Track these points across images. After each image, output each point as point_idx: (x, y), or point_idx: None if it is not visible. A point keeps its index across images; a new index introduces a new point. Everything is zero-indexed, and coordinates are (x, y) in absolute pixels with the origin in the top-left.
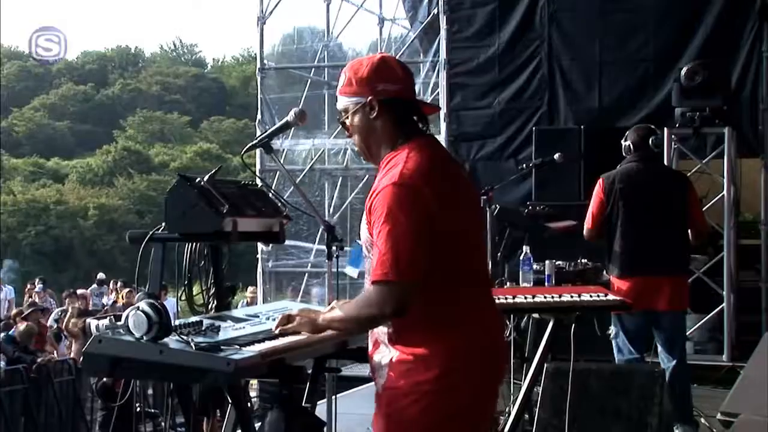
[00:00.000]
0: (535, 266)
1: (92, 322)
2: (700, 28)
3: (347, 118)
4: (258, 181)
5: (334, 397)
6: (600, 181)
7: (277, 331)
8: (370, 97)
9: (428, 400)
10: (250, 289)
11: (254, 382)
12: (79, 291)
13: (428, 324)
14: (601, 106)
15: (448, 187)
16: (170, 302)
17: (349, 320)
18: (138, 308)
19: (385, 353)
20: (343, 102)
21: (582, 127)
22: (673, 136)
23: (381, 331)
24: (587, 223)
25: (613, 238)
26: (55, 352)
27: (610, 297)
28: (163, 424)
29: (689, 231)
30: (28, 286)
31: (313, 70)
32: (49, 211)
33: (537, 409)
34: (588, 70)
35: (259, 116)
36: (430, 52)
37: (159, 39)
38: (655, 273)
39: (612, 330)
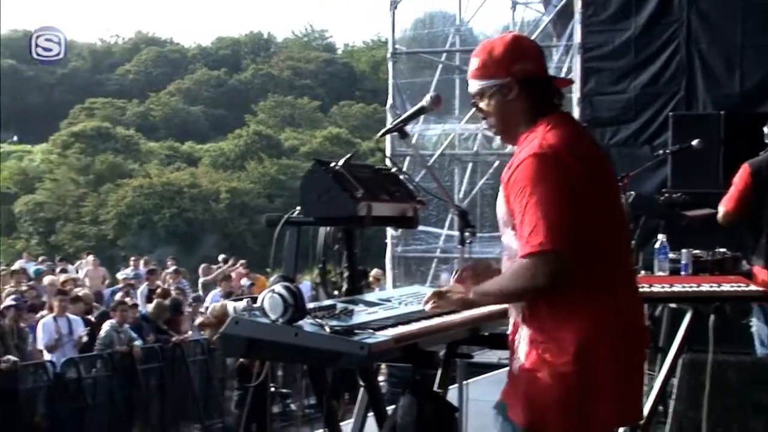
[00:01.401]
0: (671, 255)
1: (229, 304)
2: None
3: (482, 101)
4: (390, 165)
5: (465, 382)
6: (746, 167)
7: (427, 308)
8: (508, 78)
9: (565, 381)
10: (375, 271)
11: (383, 367)
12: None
13: (562, 302)
14: (742, 91)
15: (587, 161)
16: (305, 286)
17: (502, 294)
18: (273, 291)
19: (522, 334)
20: (476, 85)
21: (722, 112)
22: None
23: (517, 311)
24: (726, 205)
25: (759, 229)
26: (189, 332)
27: (752, 287)
28: (292, 405)
29: None
30: (168, 265)
31: (444, 54)
32: (183, 194)
33: (672, 401)
34: (728, 53)
35: (390, 101)
36: (563, 36)
37: (290, 25)
38: None
39: (753, 322)
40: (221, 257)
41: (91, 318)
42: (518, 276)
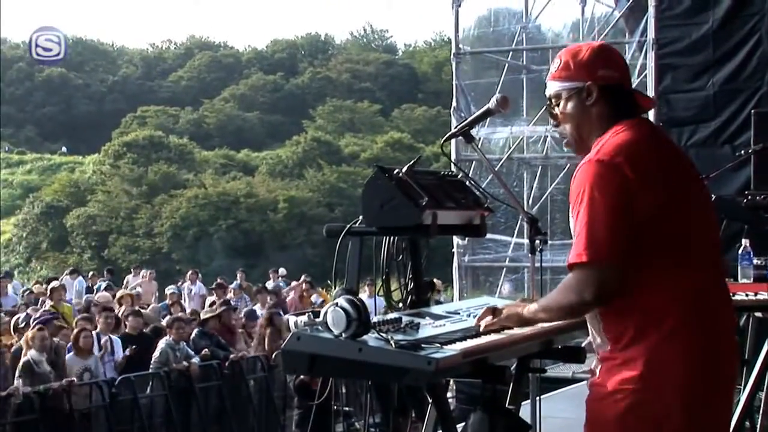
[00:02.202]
0: (755, 261)
1: (291, 319)
2: None
3: (558, 104)
4: (456, 171)
5: (538, 398)
6: None
7: (481, 327)
8: (589, 82)
9: (630, 400)
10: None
11: (451, 383)
12: (269, 285)
13: (632, 316)
14: None
15: (655, 166)
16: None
17: (552, 309)
18: (336, 304)
19: (599, 348)
20: (555, 87)
21: None
22: None
23: (593, 325)
24: None
25: None
26: (249, 350)
27: None
28: (356, 423)
29: None
30: (218, 280)
31: (510, 53)
32: (239, 204)
33: (760, 417)
34: None
35: (453, 103)
36: (636, 32)
37: (349, 25)
38: None
39: None
40: (282, 271)
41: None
42: (567, 290)
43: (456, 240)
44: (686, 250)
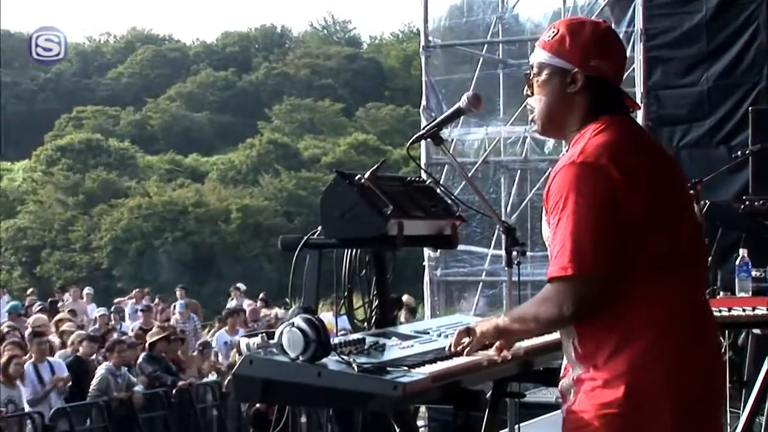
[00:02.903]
0: (754, 272)
1: (242, 340)
2: None
3: (539, 75)
4: (425, 177)
5: (516, 426)
6: None
7: (457, 350)
8: (576, 69)
9: (615, 426)
10: (405, 297)
11: (422, 409)
12: (231, 304)
13: (613, 330)
14: None
15: (641, 167)
16: (325, 317)
17: (527, 320)
18: (293, 324)
19: (573, 372)
20: (542, 56)
21: None
22: None
23: (566, 345)
24: None
25: None
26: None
27: None
28: None
29: None
30: (156, 301)
31: (485, 46)
32: (187, 214)
33: None
34: None
35: (423, 102)
36: (623, 22)
37: (308, 16)
38: None
39: None
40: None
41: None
42: (545, 301)
43: (427, 252)
44: (672, 258)
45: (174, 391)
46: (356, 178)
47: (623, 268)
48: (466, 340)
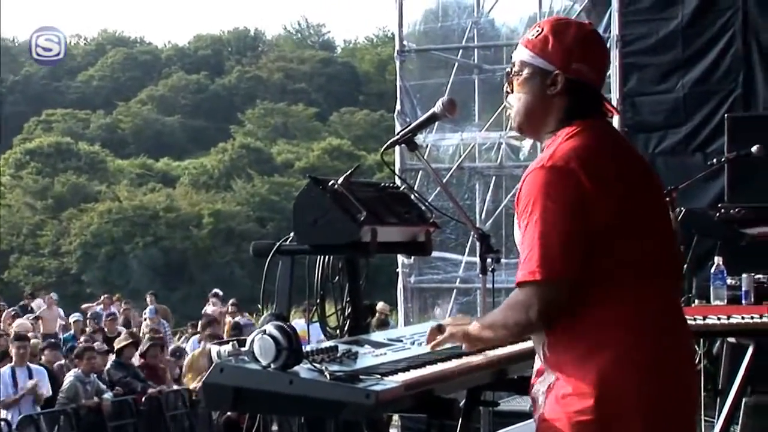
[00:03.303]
0: (729, 281)
1: (213, 348)
2: None
3: (519, 76)
4: (399, 183)
5: None
6: None
7: (429, 347)
8: (557, 71)
9: None
10: (380, 305)
11: (396, 418)
12: (209, 310)
13: (583, 336)
14: None
15: (612, 173)
16: (297, 324)
17: (497, 327)
18: (264, 332)
19: (544, 378)
20: (524, 55)
21: None
22: None
23: (537, 350)
24: None
25: None
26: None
27: None
28: None
29: None
30: (122, 306)
31: (460, 51)
32: (158, 219)
33: None
34: None
35: (398, 107)
36: (599, 28)
37: (281, 19)
38: None
39: None
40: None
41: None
42: (512, 307)
43: (401, 259)
44: (644, 265)
45: (143, 399)
46: (329, 183)
47: (593, 274)
48: (437, 336)
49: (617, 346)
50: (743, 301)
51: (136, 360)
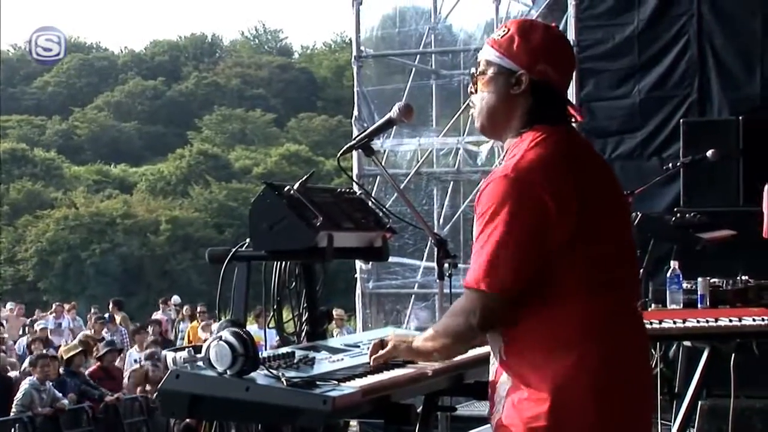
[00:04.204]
0: (685, 285)
1: (169, 354)
2: None
3: (484, 76)
4: (356, 188)
5: None
6: None
7: (371, 362)
8: (522, 71)
9: None
10: (337, 311)
11: (354, 424)
12: (155, 315)
13: (539, 343)
14: (763, 94)
15: (573, 186)
16: (254, 330)
17: (440, 335)
18: (220, 338)
19: (502, 382)
20: (490, 55)
21: (740, 118)
22: None
23: (494, 354)
24: (765, 230)
25: None
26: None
27: None
28: None
29: None
30: (92, 311)
31: (417, 57)
32: (115, 225)
33: None
34: (747, 49)
35: (355, 112)
36: None
37: (238, 24)
38: None
39: None
40: (175, 299)
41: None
42: (455, 313)
43: (359, 264)
44: (600, 274)
45: (100, 406)
46: (285, 189)
47: (550, 283)
48: (379, 352)
49: (573, 353)
50: (699, 305)
51: (90, 367)
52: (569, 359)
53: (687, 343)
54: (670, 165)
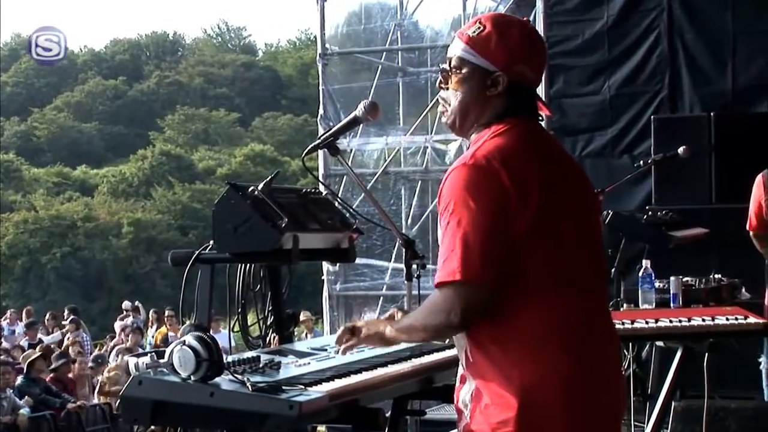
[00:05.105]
0: (657, 284)
1: (131, 360)
2: None
3: (456, 74)
4: (322, 188)
5: None
6: (760, 177)
7: (340, 349)
8: (500, 72)
9: None
10: (305, 314)
11: (322, 429)
12: (117, 324)
13: (503, 345)
14: (734, 89)
15: (534, 175)
16: (222, 335)
17: (416, 330)
18: (184, 343)
19: (467, 386)
20: (464, 53)
21: (711, 114)
22: None
23: (460, 355)
24: (749, 224)
25: None
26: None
27: (752, 320)
28: None
29: None
30: (47, 317)
31: (384, 54)
32: (76, 228)
33: None
34: (718, 45)
35: (321, 111)
36: None
37: (201, 22)
38: None
39: (762, 360)
40: (126, 304)
41: None
42: (433, 310)
43: (326, 266)
44: (567, 271)
45: (62, 414)
46: (249, 190)
47: (514, 280)
48: (348, 338)
49: (539, 355)
50: (672, 305)
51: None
52: (536, 362)
53: (660, 344)
54: (641, 162)
